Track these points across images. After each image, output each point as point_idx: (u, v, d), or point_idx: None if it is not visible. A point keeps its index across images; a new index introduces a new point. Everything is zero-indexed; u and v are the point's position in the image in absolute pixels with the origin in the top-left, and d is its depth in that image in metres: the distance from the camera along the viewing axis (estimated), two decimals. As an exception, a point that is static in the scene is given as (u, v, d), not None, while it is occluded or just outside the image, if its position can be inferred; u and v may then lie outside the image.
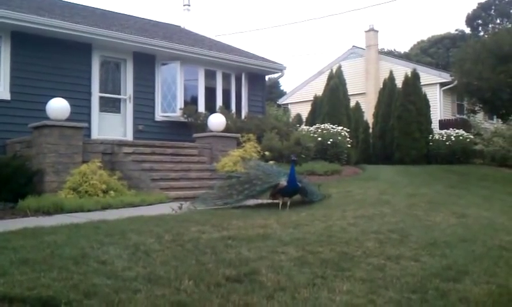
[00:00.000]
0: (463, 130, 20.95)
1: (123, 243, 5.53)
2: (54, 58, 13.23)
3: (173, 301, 3.85)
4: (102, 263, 4.74)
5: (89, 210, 8.57)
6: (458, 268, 5.18)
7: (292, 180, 8.97)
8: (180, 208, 8.61)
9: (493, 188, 13.25)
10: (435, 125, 23.06)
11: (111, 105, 14.58)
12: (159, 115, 15.27)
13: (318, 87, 23.10)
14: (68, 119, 11.02)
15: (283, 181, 9.01)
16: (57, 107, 10.95)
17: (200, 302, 3.87)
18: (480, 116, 25.62)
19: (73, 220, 7.19)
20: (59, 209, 8.52)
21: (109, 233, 6.00)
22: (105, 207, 8.91)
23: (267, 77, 19.45)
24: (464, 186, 13.15)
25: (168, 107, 15.33)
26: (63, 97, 11.27)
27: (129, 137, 14.40)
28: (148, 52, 14.93)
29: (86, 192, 9.69)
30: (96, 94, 14.02)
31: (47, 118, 10.82)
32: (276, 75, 19.84)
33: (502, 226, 7.88)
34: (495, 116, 25.42)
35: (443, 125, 24.00)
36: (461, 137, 20.22)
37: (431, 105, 21.82)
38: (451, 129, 21.04)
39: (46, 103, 11.01)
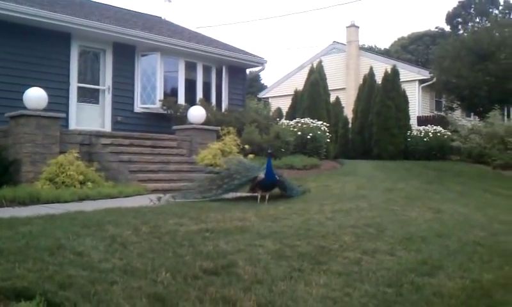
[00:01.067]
0: (441, 126, 21.17)
1: (100, 234, 5.49)
2: (32, 47, 13.04)
3: (150, 293, 3.84)
4: (78, 254, 4.70)
5: (65, 201, 8.48)
6: (433, 263, 5.26)
7: (269, 173, 9.01)
8: (159, 200, 8.59)
9: (469, 184, 13.42)
10: (413, 122, 23.26)
11: (89, 96, 14.43)
12: (138, 106, 15.15)
13: (299, 82, 23.14)
14: (45, 109, 10.88)
15: (261, 174, 9.06)
16: (35, 96, 10.80)
17: (176, 294, 3.88)
18: (458, 113, 25.95)
19: (50, 211, 7.10)
20: (36, 200, 8.41)
21: (85, 225, 5.95)
22: (82, 198, 8.83)
23: (248, 71, 19.44)
24: (440, 182, 13.30)
25: (148, 98, 15.23)
26: (40, 87, 11.11)
27: (108, 128, 14.27)
28: (127, 43, 14.80)
29: (62, 183, 9.59)
30: (74, 84, 13.86)
31: (24, 108, 10.67)
32: (256, 69, 19.84)
33: (476, 221, 8.00)
34: (472, 114, 25.76)
35: (422, 121, 24.24)
36: (438, 134, 20.43)
37: (409, 101, 22.01)
38: (429, 126, 21.24)
39: (23, 92, 10.86)
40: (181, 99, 15.72)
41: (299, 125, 16.88)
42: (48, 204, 8.11)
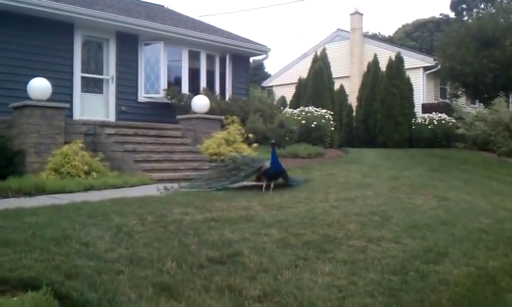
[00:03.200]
0: (446, 114, 21.09)
1: (106, 224, 5.51)
2: (35, 37, 13.03)
3: (156, 282, 3.86)
4: (84, 244, 4.72)
5: (71, 191, 8.50)
6: (438, 251, 5.26)
7: (274, 162, 9.06)
8: (167, 189, 8.66)
9: (474, 171, 13.39)
10: (418, 109, 23.19)
11: (93, 86, 14.44)
12: (142, 96, 15.15)
13: (302, 70, 23.07)
14: (49, 100, 10.90)
15: (267, 164, 9.12)
16: (39, 87, 10.81)
17: (182, 283, 3.89)
18: (462, 100, 25.82)
19: (55, 201, 7.14)
20: (41, 190, 8.43)
21: (91, 215, 5.97)
22: (87, 188, 8.85)
23: (251, 59, 19.37)
24: (445, 169, 13.27)
25: (151, 88, 15.22)
26: (44, 77, 11.13)
27: (112, 118, 14.28)
28: (131, 32, 14.78)
29: (68, 173, 9.61)
30: (78, 74, 13.86)
31: (28, 98, 10.69)
32: (260, 57, 19.77)
33: (482, 209, 7.99)
34: (477, 101, 25.64)
35: (426, 108, 24.15)
36: (443, 121, 20.36)
37: (414, 89, 21.91)
38: (434, 113, 21.17)
39: (27, 83, 10.87)
40: (185, 88, 15.70)
41: (303, 113, 16.86)
42: (53, 195, 8.14)
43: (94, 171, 9.87)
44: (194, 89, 15.72)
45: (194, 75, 16.25)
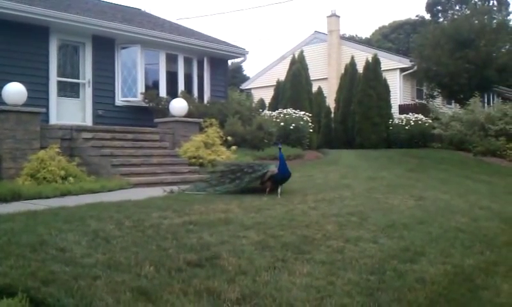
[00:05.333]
0: (422, 114, 21.34)
1: (83, 229, 5.45)
2: (9, 41, 12.84)
3: (134, 287, 3.83)
4: (60, 250, 4.67)
5: (47, 197, 8.40)
6: (415, 250, 5.31)
7: (282, 167, 8.86)
8: (173, 192, 8.81)
9: (450, 171, 13.57)
10: (395, 110, 23.41)
11: (69, 90, 14.28)
12: (120, 100, 15.03)
13: (281, 72, 23.14)
14: (25, 104, 10.76)
15: (274, 168, 8.90)
16: (14, 91, 10.68)
17: (160, 288, 3.87)
18: (438, 101, 26.15)
19: (31, 207, 7.05)
20: (17, 196, 8.30)
21: (67, 220, 5.90)
22: (64, 194, 8.74)
23: (229, 62, 19.37)
24: (422, 169, 13.43)
25: (129, 91, 15.12)
26: (19, 82, 10.98)
27: (89, 122, 14.14)
28: (107, 36, 14.65)
29: (44, 178, 9.50)
30: (54, 78, 13.69)
31: (3, 103, 10.55)
32: (238, 60, 19.78)
33: (458, 208, 8.10)
34: (453, 101, 25.97)
35: (403, 109, 24.40)
36: (420, 122, 20.60)
37: (391, 90, 22.15)
38: (410, 114, 21.41)
39: (2, 88, 10.71)
40: (162, 92, 15.63)
41: (282, 115, 16.91)
42: (30, 201, 8.02)
43: (71, 176, 9.76)
44: (172, 93, 15.65)
45: (172, 78, 16.18)
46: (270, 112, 18.33)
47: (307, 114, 17.60)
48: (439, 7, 47.98)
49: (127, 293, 3.71)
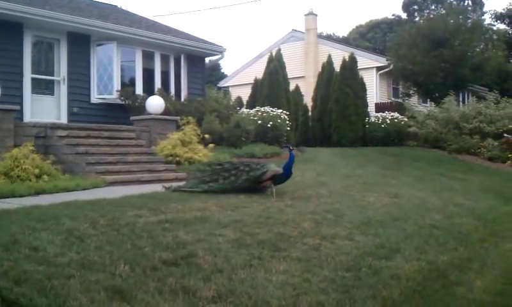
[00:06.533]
0: (398, 113, 21.52)
1: (56, 228, 5.38)
2: (-18, 37, 12.62)
3: (108, 286, 3.79)
4: (33, 249, 4.60)
5: (21, 196, 8.26)
6: (390, 247, 5.37)
7: (289, 168, 8.76)
8: (167, 188, 8.68)
9: (425, 169, 13.72)
10: (371, 108, 23.56)
11: (44, 87, 14.07)
12: (95, 97, 14.86)
13: (258, 71, 23.11)
14: (-2, 102, 10.58)
15: (276, 168, 8.74)
16: (-14, 88, 10.49)
17: (135, 286, 3.84)
18: (414, 99, 26.40)
19: (4, 206, 6.92)
20: (-11, 195, 8.16)
21: (41, 219, 5.82)
22: (38, 192, 8.60)
23: (207, 59, 19.30)
24: (398, 167, 13.55)
25: (104, 89, 14.95)
26: (-8, 78, 10.80)
27: (63, 120, 13.95)
28: (82, 32, 14.47)
29: (17, 177, 9.34)
30: (28, 75, 13.48)
31: (-25, 100, 10.34)
32: (216, 57, 19.71)
33: (432, 205, 8.20)
34: (428, 100, 26.26)
35: (379, 108, 24.58)
36: (396, 120, 20.77)
37: (367, 88, 22.27)
38: (387, 112, 21.56)
39: (-26, 84, 10.52)
40: (139, 89, 15.50)
41: (259, 113, 16.90)
42: (2, 200, 7.87)
43: (45, 175, 9.62)
44: (149, 90, 15.53)
45: (148, 75, 16.06)
46: (248, 110, 18.30)
47: (285, 112, 17.62)
48: (415, 7, 48.41)
49: (101, 292, 3.68)
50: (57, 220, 5.78)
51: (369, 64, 26.24)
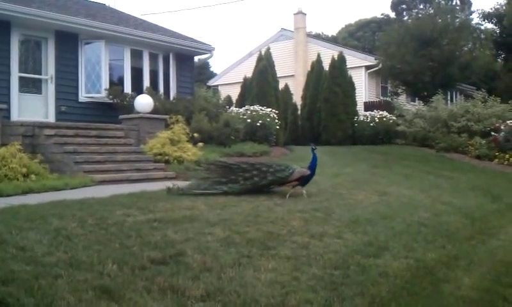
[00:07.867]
0: (387, 111, 21.62)
1: (44, 228, 5.35)
2: (-32, 36, 12.50)
3: (96, 285, 3.78)
4: (21, 249, 4.57)
5: (8, 195, 8.19)
6: (379, 244, 5.39)
7: (314, 168, 8.72)
8: (171, 188, 8.23)
9: (413, 167, 13.79)
10: (360, 107, 23.65)
11: (32, 86, 13.96)
12: (83, 96, 14.77)
13: (247, 69, 23.09)
14: (-16, 100, 10.48)
15: (302, 169, 8.68)
16: (-27, 87, 10.39)
17: (123, 286, 3.82)
18: (403, 98, 26.53)
19: (-9, 205, 6.87)
20: (-24, 194, 8.10)
21: (29, 218, 5.78)
22: (25, 191, 8.54)
23: (196, 58, 19.24)
24: (386, 165, 13.61)
25: (93, 87, 14.87)
26: (-22, 77, 10.70)
27: (51, 119, 13.86)
28: (70, 31, 14.38)
29: (5, 176, 9.26)
30: (15, 74, 13.36)
31: (-38, 99, 10.24)
32: (205, 56, 19.65)
33: (420, 203, 8.24)
34: (416, 98, 26.41)
35: (368, 106, 24.67)
36: (384, 119, 20.87)
37: (356, 87, 22.35)
38: (375, 111, 21.65)
39: (-40, 83, 10.41)
40: (127, 88, 15.43)
41: (249, 112, 16.90)
42: (-11, 199, 7.82)
43: (33, 174, 9.55)
44: (138, 89, 15.46)
45: (137, 74, 15.98)
46: (237, 109, 18.29)
47: (274, 111, 17.63)
48: (404, 6, 48.57)
49: (89, 291, 3.66)
50: (45, 219, 5.74)
51: (358, 63, 26.32)
